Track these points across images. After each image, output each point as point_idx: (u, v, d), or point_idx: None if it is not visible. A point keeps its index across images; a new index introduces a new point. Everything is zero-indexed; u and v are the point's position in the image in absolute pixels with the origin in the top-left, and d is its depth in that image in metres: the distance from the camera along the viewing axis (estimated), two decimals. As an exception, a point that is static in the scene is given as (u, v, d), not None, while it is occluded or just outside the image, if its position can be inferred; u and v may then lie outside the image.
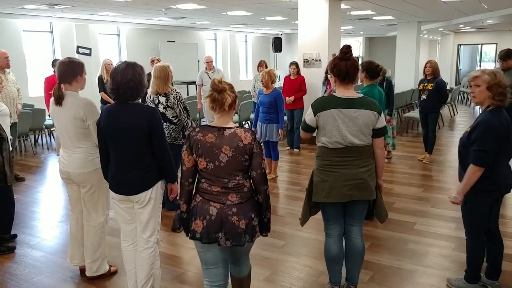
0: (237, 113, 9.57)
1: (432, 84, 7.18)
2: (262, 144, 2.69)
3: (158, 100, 4.88)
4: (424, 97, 7.30)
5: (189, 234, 2.65)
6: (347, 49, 3.09)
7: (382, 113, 3.12)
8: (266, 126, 6.38)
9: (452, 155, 8.08)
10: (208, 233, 2.56)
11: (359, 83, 5.24)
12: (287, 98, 8.20)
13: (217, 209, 2.55)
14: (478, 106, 3.38)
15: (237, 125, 2.65)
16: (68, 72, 3.42)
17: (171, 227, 2.77)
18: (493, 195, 3.24)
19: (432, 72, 7.21)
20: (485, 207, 3.25)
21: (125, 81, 2.95)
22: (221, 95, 2.56)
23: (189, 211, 2.67)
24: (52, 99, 3.46)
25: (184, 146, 2.63)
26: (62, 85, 3.41)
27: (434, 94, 7.19)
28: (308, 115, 3.14)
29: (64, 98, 3.38)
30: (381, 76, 7.32)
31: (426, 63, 7.35)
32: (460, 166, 3.30)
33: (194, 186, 2.70)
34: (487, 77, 3.06)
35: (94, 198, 3.58)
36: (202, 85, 9.00)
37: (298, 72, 8.68)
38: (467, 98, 16.83)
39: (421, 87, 7.39)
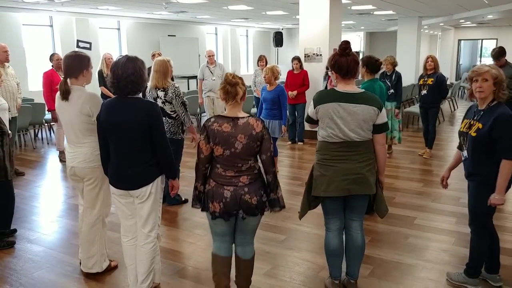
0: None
1: (433, 79, 7.16)
2: None
3: (157, 94, 4.87)
4: (424, 92, 7.28)
5: (208, 212, 2.94)
6: (346, 44, 3.09)
7: (383, 109, 3.12)
8: (269, 122, 6.35)
9: (452, 150, 8.07)
10: (227, 211, 2.87)
11: (359, 78, 5.22)
12: (289, 93, 8.18)
13: (231, 191, 2.84)
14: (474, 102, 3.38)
15: (248, 114, 2.88)
16: (74, 66, 3.38)
17: (191, 204, 3.04)
18: None
19: (433, 67, 7.20)
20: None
21: (125, 75, 2.93)
22: (234, 88, 2.81)
23: (204, 192, 2.96)
24: (58, 93, 3.42)
25: (202, 136, 2.86)
26: (68, 80, 3.37)
27: (435, 89, 7.18)
28: (309, 108, 3.17)
29: (70, 92, 3.35)
30: (391, 66, 7.39)
31: (427, 58, 7.31)
32: (473, 162, 3.22)
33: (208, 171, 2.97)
34: (495, 72, 3.08)
35: (94, 193, 3.55)
36: (203, 79, 8.96)
37: (301, 66, 8.66)
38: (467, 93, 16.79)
39: (421, 82, 7.37)
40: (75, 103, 3.35)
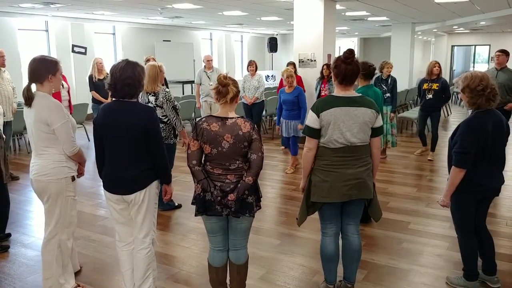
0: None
1: (438, 84, 7.38)
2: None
3: (148, 99, 4.88)
4: (430, 96, 7.45)
5: (198, 212, 3.02)
6: (349, 54, 3.10)
7: (380, 112, 3.16)
8: (290, 122, 6.78)
9: (446, 155, 8.11)
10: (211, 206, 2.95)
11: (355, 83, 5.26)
12: None
13: (218, 186, 2.92)
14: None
15: (238, 115, 2.95)
16: (39, 71, 3.17)
17: (195, 213, 3.07)
18: (477, 195, 3.30)
19: (439, 72, 7.44)
20: (470, 206, 3.32)
21: (123, 78, 2.92)
22: (225, 88, 2.90)
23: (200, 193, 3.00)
24: None
25: (192, 134, 2.96)
26: (34, 85, 3.20)
27: (440, 93, 7.40)
28: (309, 119, 3.11)
29: (33, 99, 3.15)
30: (390, 69, 7.58)
31: (435, 63, 7.53)
32: (449, 169, 3.35)
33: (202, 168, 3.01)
34: (459, 82, 3.24)
35: (50, 211, 3.31)
36: (200, 84, 8.97)
37: (295, 72, 8.69)
38: (461, 99, 16.90)
39: (425, 86, 7.49)
40: (35, 110, 3.16)
